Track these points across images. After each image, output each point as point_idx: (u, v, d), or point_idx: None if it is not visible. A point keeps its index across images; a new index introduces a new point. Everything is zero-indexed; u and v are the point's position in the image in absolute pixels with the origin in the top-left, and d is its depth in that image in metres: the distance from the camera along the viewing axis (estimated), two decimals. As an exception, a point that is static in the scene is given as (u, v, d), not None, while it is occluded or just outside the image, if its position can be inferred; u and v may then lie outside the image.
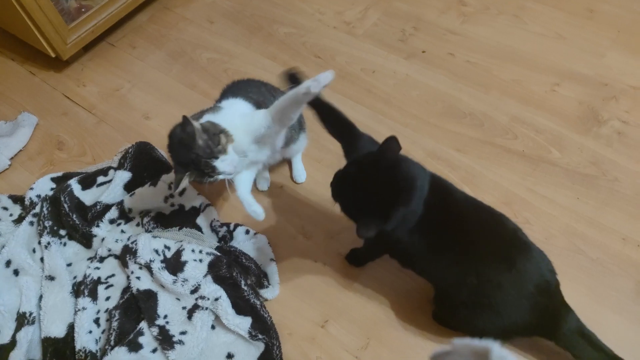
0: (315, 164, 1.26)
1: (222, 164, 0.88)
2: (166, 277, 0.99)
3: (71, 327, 0.98)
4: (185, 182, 0.89)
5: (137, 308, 1.00)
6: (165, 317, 0.98)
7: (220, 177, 0.90)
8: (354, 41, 1.52)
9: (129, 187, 1.15)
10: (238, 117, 0.94)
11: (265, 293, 1.04)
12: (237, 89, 1.03)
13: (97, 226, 1.10)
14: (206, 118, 0.92)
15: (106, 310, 1.01)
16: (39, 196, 1.16)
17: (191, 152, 0.85)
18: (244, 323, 0.96)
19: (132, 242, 1.05)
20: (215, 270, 1.02)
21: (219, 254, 1.05)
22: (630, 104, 1.33)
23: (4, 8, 1.28)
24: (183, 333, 0.95)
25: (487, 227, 0.86)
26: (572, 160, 1.23)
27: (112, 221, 1.12)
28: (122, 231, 1.11)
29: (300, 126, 1.14)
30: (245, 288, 1.00)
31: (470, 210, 0.87)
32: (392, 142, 0.77)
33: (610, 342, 0.85)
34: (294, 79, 0.92)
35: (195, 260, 1.03)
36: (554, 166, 1.23)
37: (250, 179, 1.02)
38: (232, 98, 0.99)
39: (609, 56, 1.45)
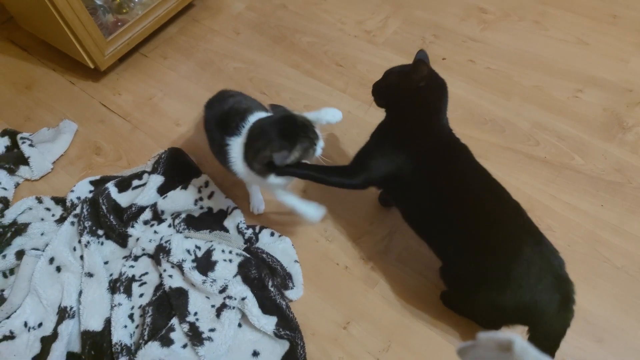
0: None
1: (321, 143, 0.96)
2: (196, 277, 1.04)
3: (108, 322, 1.03)
4: (293, 156, 0.91)
5: (168, 305, 1.05)
6: (196, 314, 1.02)
7: (317, 151, 0.96)
8: (375, 49, 1.56)
9: (162, 190, 1.21)
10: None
11: (289, 294, 1.08)
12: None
13: (132, 227, 1.17)
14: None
15: (140, 307, 1.06)
16: (79, 198, 1.24)
17: (299, 129, 0.92)
18: (270, 323, 1.00)
19: (165, 242, 1.11)
20: (244, 271, 1.06)
21: (248, 255, 1.10)
22: (656, 110, 1.32)
23: (48, 23, 1.37)
24: (212, 330, 1.00)
25: (500, 198, 0.89)
26: (596, 167, 1.23)
27: (146, 222, 1.18)
28: (155, 232, 1.17)
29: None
30: (272, 289, 1.04)
31: (486, 182, 0.90)
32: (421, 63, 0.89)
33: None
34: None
35: (225, 260, 1.08)
36: (578, 173, 1.22)
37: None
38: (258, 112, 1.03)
39: (633, 62, 1.43)
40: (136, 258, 1.13)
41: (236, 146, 0.98)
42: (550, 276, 0.80)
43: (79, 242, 1.14)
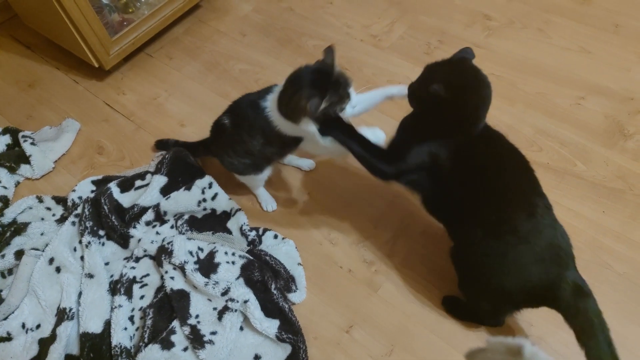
0: (341, 170, 1.29)
1: (354, 98, 0.95)
2: (198, 279, 1.03)
3: (108, 324, 1.02)
4: (323, 105, 0.90)
5: (170, 307, 1.04)
6: (197, 316, 1.02)
7: (347, 111, 0.95)
8: (381, 54, 1.57)
9: (165, 191, 1.20)
10: None
11: (292, 297, 1.07)
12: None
13: (134, 227, 1.16)
14: None
15: (140, 309, 1.05)
16: (80, 198, 1.23)
17: (332, 77, 0.91)
18: (272, 326, 0.99)
19: (168, 243, 1.10)
20: (247, 273, 1.06)
21: (251, 257, 1.09)
22: (657, 119, 1.33)
23: (54, 21, 1.37)
24: (213, 333, 0.99)
25: (519, 175, 0.89)
26: (598, 174, 1.23)
27: (148, 223, 1.17)
28: (157, 233, 1.16)
29: None
30: (275, 291, 1.03)
31: (508, 156, 0.91)
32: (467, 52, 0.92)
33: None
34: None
35: (228, 262, 1.07)
36: (580, 179, 1.23)
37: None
38: None
39: (634, 70, 1.45)
40: (137, 259, 1.12)
41: (272, 101, 0.99)
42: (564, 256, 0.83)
43: (80, 242, 1.13)
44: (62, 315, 1.03)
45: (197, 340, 0.97)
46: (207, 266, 1.08)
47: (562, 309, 0.82)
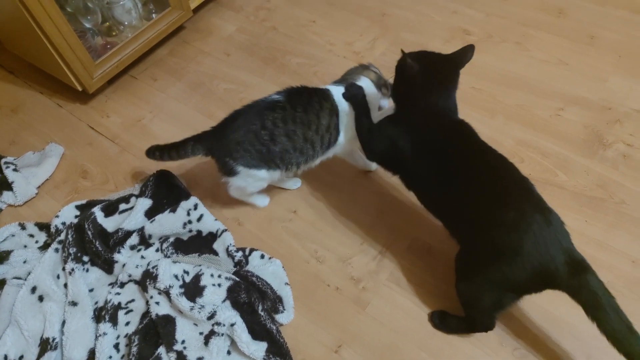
0: (327, 188, 1.30)
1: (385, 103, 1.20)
2: (184, 303, 1.02)
3: (92, 353, 1.00)
4: (377, 79, 1.19)
5: (155, 333, 1.02)
6: (183, 342, 1.00)
7: (384, 104, 1.20)
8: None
9: (150, 214, 1.20)
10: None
11: (280, 318, 1.06)
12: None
13: (119, 252, 1.14)
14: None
15: (126, 335, 1.04)
16: (64, 223, 1.21)
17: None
18: (260, 349, 0.98)
19: (152, 267, 1.09)
20: (233, 295, 1.05)
21: (237, 279, 1.08)
22: (634, 127, 1.36)
23: (36, 46, 1.37)
24: (200, 359, 0.98)
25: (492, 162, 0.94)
26: (578, 183, 1.26)
27: (132, 247, 1.16)
28: (142, 257, 1.15)
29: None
30: (262, 313, 1.02)
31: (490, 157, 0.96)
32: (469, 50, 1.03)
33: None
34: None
35: (214, 285, 1.06)
36: (561, 189, 1.25)
37: None
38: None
39: (611, 80, 1.49)
40: (122, 285, 1.11)
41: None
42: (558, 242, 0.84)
43: (63, 269, 1.12)
44: (45, 345, 1.01)
45: (183, 366, 0.96)
46: (193, 290, 1.07)
47: (563, 287, 0.82)
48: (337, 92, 1.12)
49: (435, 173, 0.96)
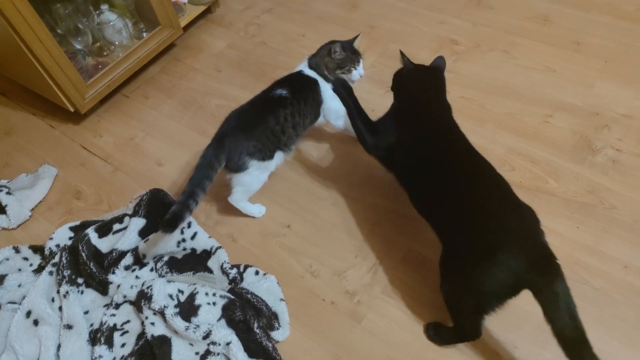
0: (320, 201, 1.31)
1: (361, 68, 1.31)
2: (179, 323, 1.02)
3: (88, 375, 1.00)
4: (342, 54, 1.26)
5: (152, 354, 1.02)
6: (179, 362, 1.00)
7: (353, 74, 1.29)
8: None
9: (144, 233, 1.20)
10: None
11: (276, 335, 1.06)
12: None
13: (113, 273, 1.15)
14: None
15: (122, 357, 1.03)
16: (58, 246, 1.21)
17: (353, 46, 1.29)
18: (256, 366, 0.98)
19: (147, 287, 1.09)
20: (229, 314, 1.05)
21: (232, 296, 1.08)
22: (622, 132, 1.38)
23: (27, 69, 1.38)
24: (197, 378, 0.98)
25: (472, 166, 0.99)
26: (569, 190, 1.27)
27: (127, 267, 1.16)
28: (137, 277, 1.15)
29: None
30: (258, 331, 1.02)
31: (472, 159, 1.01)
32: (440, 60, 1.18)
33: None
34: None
35: (209, 303, 1.07)
36: (552, 196, 1.26)
37: None
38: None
39: (598, 86, 1.51)
40: (117, 306, 1.11)
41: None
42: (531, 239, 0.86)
43: (58, 292, 1.11)
44: (41, 370, 1.01)
45: (180, 387, 0.96)
46: (188, 309, 1.07)
47: (528, 284, 0.83)
48: (324, 86, 1.27)
49: (420, 171, 1.02)
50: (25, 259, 1.22)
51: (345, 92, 1.11)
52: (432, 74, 1.15)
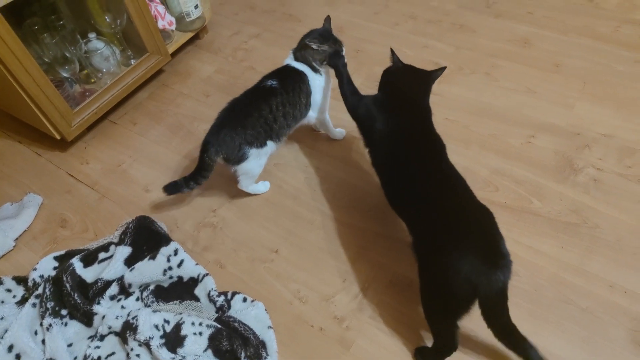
0: (308, 225, 1.31)
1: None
2: (165, 355, 1.00)
3: (71, 411, 0.98)
4: (325, 47, 1.32)
5: (137, 387, 1.00)
6: (165, 395, 0.98)
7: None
8: (339, 104, 1.62)
9: (130, 262, 1.19)
10: None
11: (263, 364, 1.05)
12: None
13: (98, 303, 1.13)
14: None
15: (106, 391, 1.01)
16: (42, 276, 1.19)
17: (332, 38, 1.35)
18: (244, 397, 0.96)
19: (132, 318, 1.07)
20: (215, 344, 1.03)
21: (219, 326, 1.07)
22: (602, 151, 1.41)
23: (12, 96, 1.38)
24: (183, 411, 0.95)
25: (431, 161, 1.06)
26: (553, 209, 1.29)
27: (112, 297, 1.15)
28: (123, 307, 1.13)
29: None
30: (244, 361, 1.01)
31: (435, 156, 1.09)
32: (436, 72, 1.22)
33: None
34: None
35: (195, 333, 1.05)
36: (537, 216, 1.28)
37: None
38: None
39: (578, 106, 1.55)
40: (102, 337, 1.09)
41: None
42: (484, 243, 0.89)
43: (41, 324, 1.09)
44: (21, 407, 0.98)
45: (165, 421, 0.93)
46: (174, 340, 1.05)
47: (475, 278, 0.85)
48: (312, 76, 1.34)
49: (391, 159, 1.09)
50: (9, 290, 1.19)
51: (339, 63, 1.28)
52: (419, 76, 1.21)
